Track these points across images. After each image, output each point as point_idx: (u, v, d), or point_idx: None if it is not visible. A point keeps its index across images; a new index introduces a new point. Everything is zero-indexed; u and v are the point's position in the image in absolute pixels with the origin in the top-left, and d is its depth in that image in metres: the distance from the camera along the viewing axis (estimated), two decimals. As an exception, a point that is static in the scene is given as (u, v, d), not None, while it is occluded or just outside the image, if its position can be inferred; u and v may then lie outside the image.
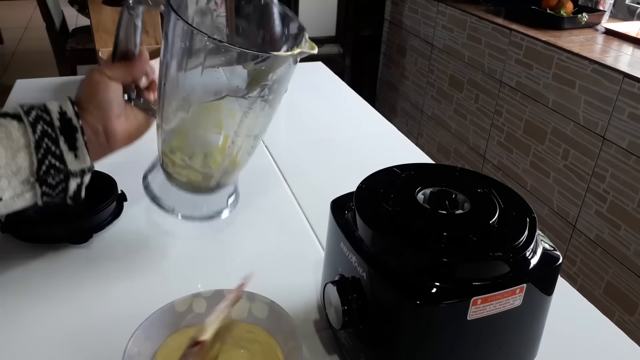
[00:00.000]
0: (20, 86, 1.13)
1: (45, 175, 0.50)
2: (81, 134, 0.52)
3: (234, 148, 0.59)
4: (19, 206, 0.51)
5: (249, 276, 0.49)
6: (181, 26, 0.52)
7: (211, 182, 0.62)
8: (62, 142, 0.51)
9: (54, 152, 0.51)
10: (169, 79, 0.56)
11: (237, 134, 0.57)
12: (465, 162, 2.17)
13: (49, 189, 0.51)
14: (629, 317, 1.49)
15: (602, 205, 1.54)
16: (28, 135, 0.50)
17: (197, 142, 0.60)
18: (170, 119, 0.58)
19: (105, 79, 0.55)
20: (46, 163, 0.50)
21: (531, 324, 0.46)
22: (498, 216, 0.46)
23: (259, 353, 0.48)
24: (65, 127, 0.52)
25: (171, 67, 0.55)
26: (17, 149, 0.49)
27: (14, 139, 0.49)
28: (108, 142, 0.56)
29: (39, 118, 0.51)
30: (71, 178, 0.52)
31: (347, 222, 0.48)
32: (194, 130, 0.59)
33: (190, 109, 0.57)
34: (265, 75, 0.54)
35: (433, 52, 2.30)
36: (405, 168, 0.53)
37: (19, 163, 0.49)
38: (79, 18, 3.87)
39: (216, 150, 0.59)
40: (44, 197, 0.51)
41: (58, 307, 0.56)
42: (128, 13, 0.58)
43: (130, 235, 0.67)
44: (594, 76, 1.51)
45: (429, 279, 0.41)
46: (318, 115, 1.07)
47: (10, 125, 0.50)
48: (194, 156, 0.60)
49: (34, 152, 0.50)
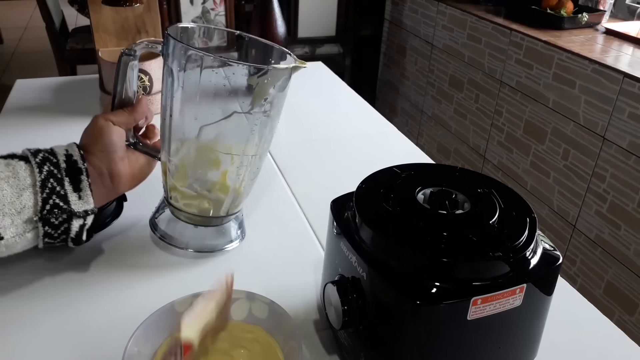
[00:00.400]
0: (20, 86, 1.13)
1: (49, 214, 0.51)
2: (86, 175, 0.54)
3: (242, 169, 0.61)
4: (20, 247, 0.52)
5: (230, 274, 0.49)
6: (184, 49, 0.55)
7: (221, 211, 0.63)
8: (67, 183, 0.53)
9: (58, 192, 0.52)
10: (175, 109, 0.58)
11: (244, 152, 0.59)
12: (465, 162, 2.17)
13: (52, 229, 0.52)
14: (629, 317, 1.49)
15: (602, 205, 1.54)
16: (34, 175, 0.51)
17: (207, 168, 0.61)
18: (178, 151, 0.60)
19: (109, 124, 0.58)
20: (50, 202, 0.51)
21: (531, 324, 0.46)
22: (498, 216, 0.46)
23: (259, 353, 0.48)
24: (70, 169, 0.54)
25: (176, 97, 0.57)
26: (22, 187, 0.50)
27: (20, 178, 0.51)
28: (113, 184, 0.58)
29: (45, 159, 0.53)
30: (74, 218, 0.53)
31: (347, 222, 0.48)
32: (204, 157, 0.60)
33: (199, 135, 0.58)
34: (267, 88, 0.56)
35: (433, 52, 2.30)
36: (405, 168, 0.53)
37: (23, 202, 0.50)
38: (78, 18, 3.87)
39: (225, 174, 0.61)
40: (45, 238, 0.53)
41: (58, 307, 0.56)
42: (127, 57, 0.60)
43: (130, 235, 0.67)
44: (594, 76, 1.51)
45: (429, 279, 0.41)
46: (318, 115, 1.07)
47: (18, 165, 0.51)
48: (203, 183, 0.62)
49: (39, 192, 0.51)
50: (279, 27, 1.02)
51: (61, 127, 0.95)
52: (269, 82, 0.56)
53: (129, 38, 1.03)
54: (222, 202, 0.62)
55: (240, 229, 0.68)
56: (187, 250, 0.64)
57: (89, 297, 0.58)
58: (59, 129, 0.95)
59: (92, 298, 0.58)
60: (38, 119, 0.98)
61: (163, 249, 0.65)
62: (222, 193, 0.62)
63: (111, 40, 1.02)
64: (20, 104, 1.05)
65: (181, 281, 0.61)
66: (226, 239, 0.66)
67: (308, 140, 0.97)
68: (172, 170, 0.61)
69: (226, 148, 0.59)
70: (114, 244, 0.66)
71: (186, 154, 0.60)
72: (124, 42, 1.03)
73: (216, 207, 0.63)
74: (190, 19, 2.28)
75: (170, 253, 0.65)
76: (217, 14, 2.30)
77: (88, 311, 0.56)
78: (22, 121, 0.97)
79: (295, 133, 0.99)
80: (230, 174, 0.61)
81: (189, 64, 0.55)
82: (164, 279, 0.61)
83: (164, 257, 0.64)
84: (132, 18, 1.01)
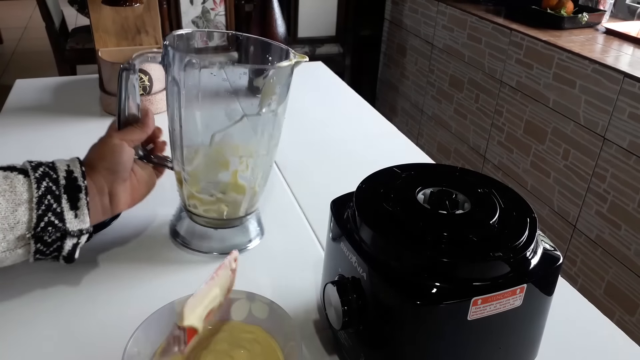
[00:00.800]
0: (20, 86, 1.13)
1: (42, 231, 0.50)
2: (85, 194, 0.53)
3: (256, 169, 0.61)
4: (9, 262, 0.51)
5: (233, 255, 0.49)
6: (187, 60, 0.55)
7: (239, 211, 0.64)
8: (65, 201, 0.52)
9: (54, 210, 0.51)
10: (184, 119, 0.58)
11: (257, 152, 0.60)
12: (465, 162, 2.17)
13: (43, 247, 0.51)
14: (629, 317, 1.49)
15: (603, 205, 1.54)
16: (32, 190, 0.50)
17: (219, 170, 0.62)
18: (192, 159, 0.60)
19: (124, 144, 0.58)
20: (45, 220, 0.50)
21: (531, 324, 0.46)
22: (498, 216, 0.46)
23: (259, 353, 0.48)
24: (70, 186, 0.53)
25: (184, 107, 0.57)
26: (18, 202, 0.49)
27: (17, 192, 0.50)
28: (111, 203, 0.57)
29: (45, 175, 0.52)
30: (68, 237, 0.52)
31: (347, 222, 0.48)
32: (216, 160, 0.61)
33: (212, 142, 0.59)
34: (274, 87, 0.56)
35: (433, 51, 2.30)
36: (405, 168, 0.53)
37: (17, 217, 0.49)
38: (78, 18, 3.87)
39: (235, 174, 0.62)
40: (36, 255, 0.52)
41: (58, 307, 0.56)
42: (127, 72, 0.59)
43: (131, 235, 0.67)
44: (595, 76, 1.51)
45: (429, 279, 0.41)
46: (318, 115, 1.07)
47: (16, 179, 0.50)
48: (216, 185, 0.63)
49: (35, 208, 0.50)
50: (279, 27, 1.02)
51: (61, 127, 0.95)
52: (274, 82, 0.56)
53: (128, 38, 1.03)
54: (239, 202, 0.63)
55: (259, 226, 0.69)
56: (213, 254, 0.65)
57: (88, 297, 0.58)
58: (58, 129, 0.95)
59: (92, 298, 0.58)
60: (38, 119, 0.98)
61: (162, 248, 0.65)
62: (236, 193, 0.62)
63: (111, 40, 1.02)
64: (20, 104, 1.05)
65: (182, 281, 0.61)
66: (247, 237, 0.67)
67: (308, 140, 0.97)
68: (187, 179, 0.62)
69: (237, 149, 0.60)
70: (114, 244, 0.66)
71: (199, 161, 0.61)
72: (124, 42, 1.03)
73: (235, 209, 0.63)
74: (190, 19, 2.28)
75: (169, 252, 0.65)
76: (217, 14, 2.30)
77: (88, 311, 0.56)
78: (22, 121, 0.97)
79: (295, 133, 0.99)
80: (244, 174, 0.61)
81: (193, 73, 0.55)
82: (164, 278, 0.61)
83: (164, 257, 0.64)
84: (132, 18, 1.01)
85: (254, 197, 0.64)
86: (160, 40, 1.05)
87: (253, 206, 0.65)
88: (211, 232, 0.65)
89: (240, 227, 0.66)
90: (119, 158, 0.57)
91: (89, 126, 0.96)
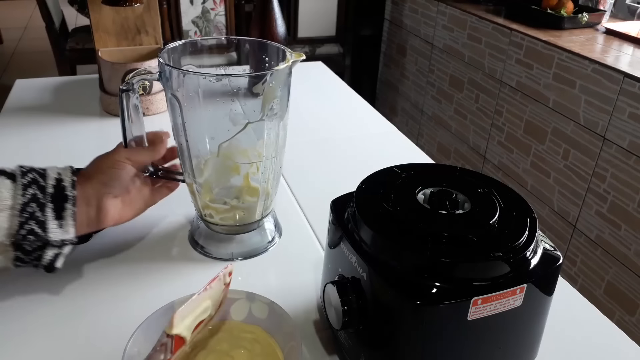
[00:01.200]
0: (20, 86, 1.13)
1: (23, 239, 0.49)
2: (71, 204, 0.52)
3: (266, 172, 0.61)
4: None
5: (228, 270, 0.49)
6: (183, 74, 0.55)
7: (256, 214, 0.64)
8: (50, 210, 0.51)
9: (37, 218, 0.50)
10: (189, 133, 0.58)
11: (265, 155, 0.60)
12: (465, 162, 2.17)
13: (23, 254, 0.51)
14: (629, 317, 1.49)
15: (603, 205, 1.54)
16: (17, 196, 0.49)
17: (230, 176, 0.62)
18: (201, 170, 0.61)
19: (126, 163, 0.58)
20: (27, 228, 0.49)
21: (531, 324, 0.46)
22: (498, 216, 0.46)
23: (259, 353, 0.48)
24: (57, 195, 0.52)
25: (188, 122, 0.57)
26: (1, 208, 0.49)
27: (1, 198, 0.49)
28: (97, 217, 0.56)
29: (33, 181, 0.51)
30: (48, 247, 0.51)
31: (347, 222, 0.48)
32: (225, 167, 0.61)
33: (219, 152, 0.59)
34: (274, 91, 0.56)
35: (433, 51, 2.30)
36: (405, 168, 0.53)
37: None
38: (78, 18, 3.87)
39: (247, 177, 0.62)
40: (16, 261, 0.51)
41: (57, 307, 0.56)
42: (127, 93, 0.59)
43: (130, 235, 0.67)
44: (595, 76, 1.51)
45: (429, 279, 0.41)
46: (318, 115, 1.07)
47: (3, 184, 0.49)
48: (229, 191, 0.63)
49: (18, 215, 0.49)
50: (279, 27, 1.02)
51: (61, 127, 0.95)
52: (274, 85, 0.56)
53: (128, 38, 1.03)
54: (254, 206, 0.63)
55: (276, 227, 0.69)
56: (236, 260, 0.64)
57: (88, 297, 0.58)
58: (58, 129, 0.95)
59: (91, 298, 0.58)
60: (38, 119, 0.98)
61: (162, 249, 0.65)
62: (250, 196, 0.62)
63: (111, 40, 1.02)
64: (20, 104, 1.05)
65: (182, 281, 0.61)
66: (266, 239, 0.67)
67: (308, 140, 0.97)
68: (199, 190, 0.62)
69: (246, 154, 0.60)
70: (113, 243, 0.66)
71: (209, 170, 0.61)
72: (124, 42, 1.03)
73: (251, 213, 0.63)
74: (190, 19, 2.28)
75: (169, 252, 0.65)
76: (217, 14, 2.30)
77: (88, 311, 0.56)
78: (22, 121, 0.97)
79: (295, 133, 0.99)
80: (255, 177, 0.61)
81: (192, 87, 0.55)
82: (164, 278, 0.61)
83: (164, 257, 0.64)
84: (132, 18, 1.01)
85: (268, 199, 0.64)
86: (160, 40, 1.05)
87: (268, 208, 0.65)
88: (229, 238, 0.65)
89: (258, 230, 0.66)
90: (116, 174, 0.57)
91: (89, 126, 0.96)
